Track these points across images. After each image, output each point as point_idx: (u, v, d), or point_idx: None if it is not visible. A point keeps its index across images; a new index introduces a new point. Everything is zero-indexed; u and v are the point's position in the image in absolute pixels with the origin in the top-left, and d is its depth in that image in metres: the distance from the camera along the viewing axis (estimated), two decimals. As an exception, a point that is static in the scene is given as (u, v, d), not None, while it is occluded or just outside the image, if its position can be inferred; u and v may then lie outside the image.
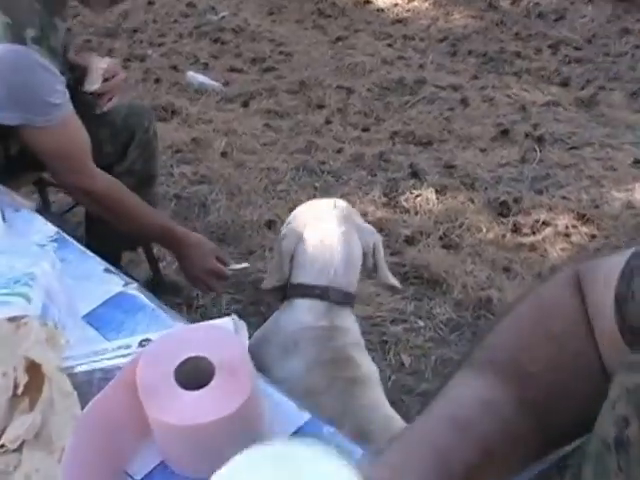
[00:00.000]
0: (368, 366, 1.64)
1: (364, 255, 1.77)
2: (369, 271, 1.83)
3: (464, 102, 3.74)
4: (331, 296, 1.67)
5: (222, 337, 0.84)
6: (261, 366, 1.71)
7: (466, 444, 0.63)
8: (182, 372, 0.81)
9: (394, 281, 1.87)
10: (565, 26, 4.53)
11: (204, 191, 3.07)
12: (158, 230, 1.98)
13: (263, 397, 0.88)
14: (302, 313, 1.69)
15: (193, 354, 0.82)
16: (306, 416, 0.91)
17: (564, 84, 3.91)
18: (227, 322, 0.91)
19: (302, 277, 1.70)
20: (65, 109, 1.67)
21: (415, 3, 4.94)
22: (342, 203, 1.83)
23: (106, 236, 2.09)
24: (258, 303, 2.49)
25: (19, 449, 0.86)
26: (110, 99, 1.96)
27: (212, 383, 0.80)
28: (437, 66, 4.13)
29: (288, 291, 1.73)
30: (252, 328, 2.30)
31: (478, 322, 2.42)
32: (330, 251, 1.69)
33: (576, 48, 4.30)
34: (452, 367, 0.73)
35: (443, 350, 2.33)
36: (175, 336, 0.85)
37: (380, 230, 2.83)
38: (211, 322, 0.92)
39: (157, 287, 2.48)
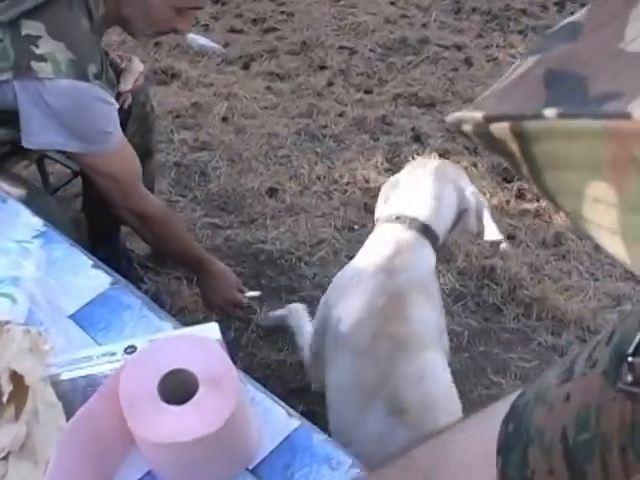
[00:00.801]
0: (423, 320, 1.55)
1: (463, 214, 1.77)
2: (476, 232, 1.85)
3: (468, 62, 3.68)
4: (406, 220, 1.66)
5: (207, 349, 0.82)
6: (328, 308, 1.70)
7: None
8: (166, 385, 0.80)
9: (497, 235, 1.85)
10: (572, -19, 4.43)
11: (204, 158, 3.03)
12: (190, 257, 2.07)
13: (250, 408, 0.87)
14: (372, 240, 1.73)
15: (177, 367, 0.81)
16: (296, 423, 0.89)
17: (570, 42, 3.82)
18: (213, 328, 0.89)
19: (385, 211, 1.76)
20: (118, 135, 1.74)
21: (418, -42, 4.83)
22: (450, 164, 1.93)
23: (104, 210, 2.08)
24: (259, 276, 2.48)
25: (6, 458, 0.85)
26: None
27: (196, 397, 0.78)
28: (440, 24, 4.04)
29: None
30: (254, 303, 2.31)
31: (482, 292, 2.40)
32: (415, 190, 1.74)
33: (582, 5, 4.18)
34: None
35: (446, 322, 2.31)
36: (159, 347, 0.83)
37: (382, 197, 2.82)
38: (197, 329, 0.90)
39: (157, 260, 2.47)
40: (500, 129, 0.33)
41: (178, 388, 0.80)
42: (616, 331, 0.46)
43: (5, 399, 0.87)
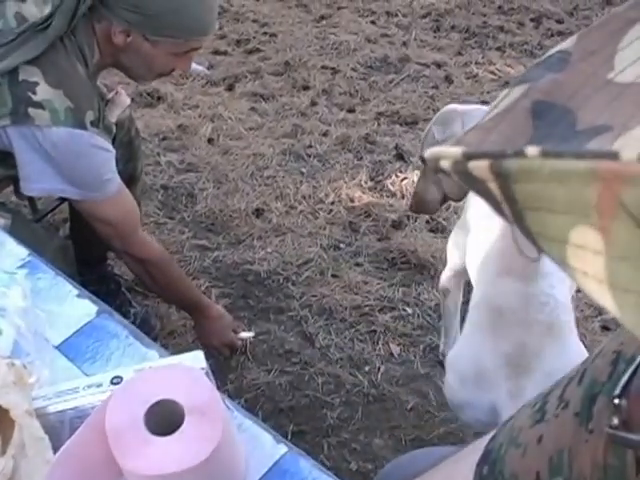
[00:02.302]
0: None
1: None
2: None
3: (448, 79, 3.72)
4: None
5: (192, 379, 0.83)
6: None
7: None
8: (152, 416, 0.81)
9: None
10: (547, -2, 4.51)
11: (191, 180, 3.05)
12: (188, 300, 2.10)
13: (238, 436, 0.88)
14: None
15: (163, 397, 0.82)
16: (283, 449, 0.90)
17: (547, 58, 3.88)
18: (198, 356, 0.91)
19: None
20: (116, 180, 1.76)
21: (397, -23, 4.88)
22: None
23: (91, 235, 2.08)
24: (247, 296, 2.49)
25: (-7, 494, 0.86)
26: None
27: (182, 428, 0.79)
28: (420, 43, 4.09)
29: None
30: (243, 324, 2.32)
31: (466, 307, 2.42)
32: None
33: (558, 21, 4.29)
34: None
35: (432, 337, 2.34)
36: (145, 378, 0.85)
37: (367, 215, 2.84)
38: (182, 357, 0.91)
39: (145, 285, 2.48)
40: (479, 167, 0.31)
41: (164, 419, 0.81)
42: (587, 371, 0.46)
43: (-9, 433, 0.87)
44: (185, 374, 0.85)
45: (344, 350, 2.28)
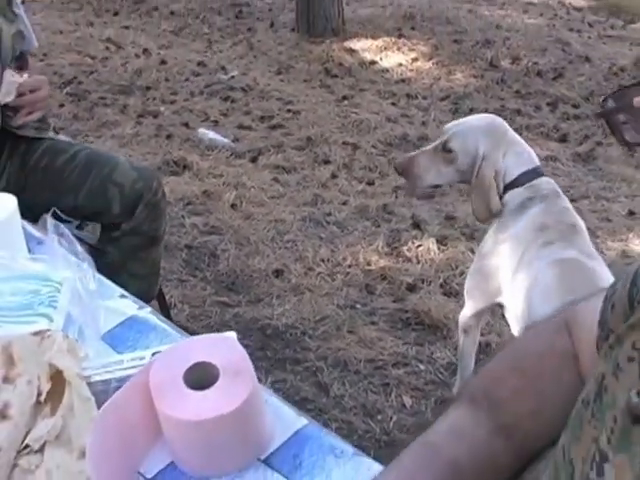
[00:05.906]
0: None
1: None
2: None
3: (465, 157, 3.87)
4: None
5: (226, 345, 0.93)
6: None
7: (434, 465, 0.75)
8: (190, 375, 0.91)
9: None
10: (563, 84, 4.72)
11: (214, 241, 3.18)
12: None
13: (263, 397, 0.97)
14: None
15: (200, 359, 0.91)
16: (304, 420, 0.99)
17: (562, 140, 4.07)
18: (231, 334, 1.01)
19: None
20: None
21: (418, 63, 5.14)
22: None
23: (117, 269, 2.16)
24: (265, 348, 2.57)
25: (41, 450, 0.94)
26: (30, 113, 1.94)
27: (217, 384, 0.89)
28: (439, 123, 4.26)
29: None
30: (260, 373, 2.40)
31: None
32: None
33: (574, 105, 4.47)
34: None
35: (443, 391, 2.40)
36: (184, 345, 0.95)
37: (383, 278, 2.94)
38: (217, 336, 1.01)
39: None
40: None
41: (202, 378, 0.90)
42: None
43: (43, 398, 0.96)
44: (221, 342, 0.95)
45: (358, 400, 2.35)
